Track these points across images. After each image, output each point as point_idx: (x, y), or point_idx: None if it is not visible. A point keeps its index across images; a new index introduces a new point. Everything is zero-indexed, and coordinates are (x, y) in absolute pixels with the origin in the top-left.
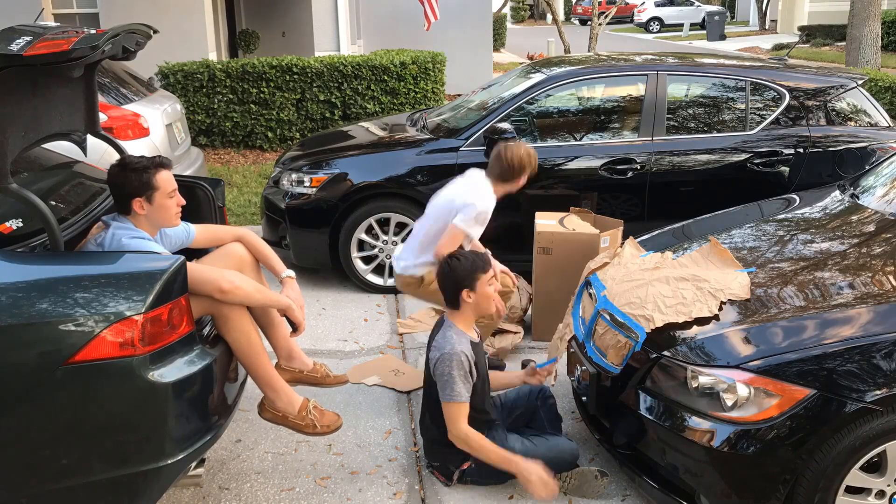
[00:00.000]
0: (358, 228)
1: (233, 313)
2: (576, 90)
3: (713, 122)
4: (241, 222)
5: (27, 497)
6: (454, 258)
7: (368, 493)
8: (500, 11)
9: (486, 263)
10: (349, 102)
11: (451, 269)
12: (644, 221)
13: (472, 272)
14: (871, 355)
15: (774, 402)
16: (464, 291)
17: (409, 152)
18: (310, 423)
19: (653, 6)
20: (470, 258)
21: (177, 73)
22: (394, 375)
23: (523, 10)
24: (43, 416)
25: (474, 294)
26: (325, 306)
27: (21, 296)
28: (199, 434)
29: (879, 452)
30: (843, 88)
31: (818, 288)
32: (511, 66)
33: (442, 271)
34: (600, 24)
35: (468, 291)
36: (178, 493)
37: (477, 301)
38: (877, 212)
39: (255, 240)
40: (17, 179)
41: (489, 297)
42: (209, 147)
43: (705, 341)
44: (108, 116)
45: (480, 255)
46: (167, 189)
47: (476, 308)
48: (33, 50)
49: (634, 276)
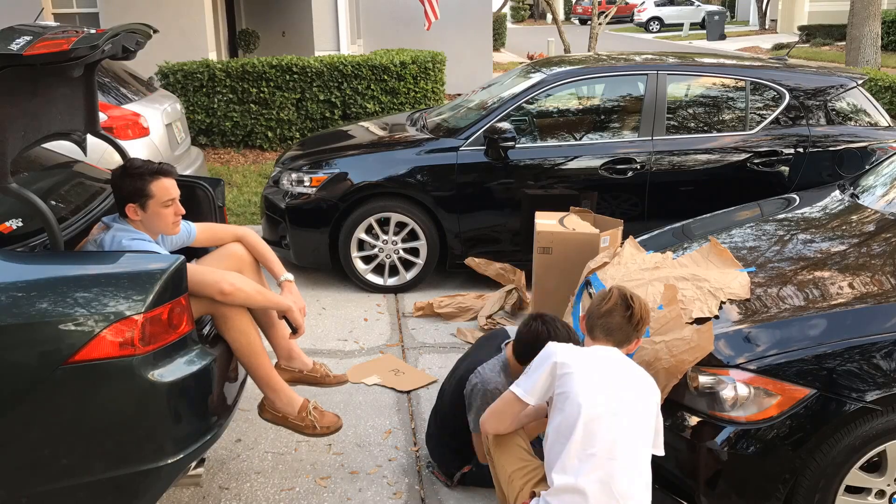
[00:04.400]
0: (358, 228)
1: (232, 313)
2: (576, 90)
3: (713, 121)
4: (241, 222)
5: (27, 497)
6: (549, 324)
7: (368, 492)
8: (500, 11)
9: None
10: (349, 102)
11: (537, 337)
12: (644, 221)
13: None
14: (871, 355)
15: (774, 402)
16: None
17: (408, 152)
18: (310, 424)
19: (653, 6)
20: (562, 335)
21: (177, 72)
22: (394, 375)
23: (523, 10)
24: (43, 416)
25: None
26: (325, 306)
27: (21, 295)
28: (199, 434)
29: (879, 452)
30: (843, 88)
31: (818, 287)
32: (511, 65)
33: (530, 327)
34: (600, 24)
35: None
36: (178, 493)
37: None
38: (877, 212)
39: (255, 240)
40: (17, 179)
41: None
42: (209, 147)
43: None
44: (108, 116)
45: (572, 334)
46: (163, 198)
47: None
48: (33, 49)
49: (634, 275)
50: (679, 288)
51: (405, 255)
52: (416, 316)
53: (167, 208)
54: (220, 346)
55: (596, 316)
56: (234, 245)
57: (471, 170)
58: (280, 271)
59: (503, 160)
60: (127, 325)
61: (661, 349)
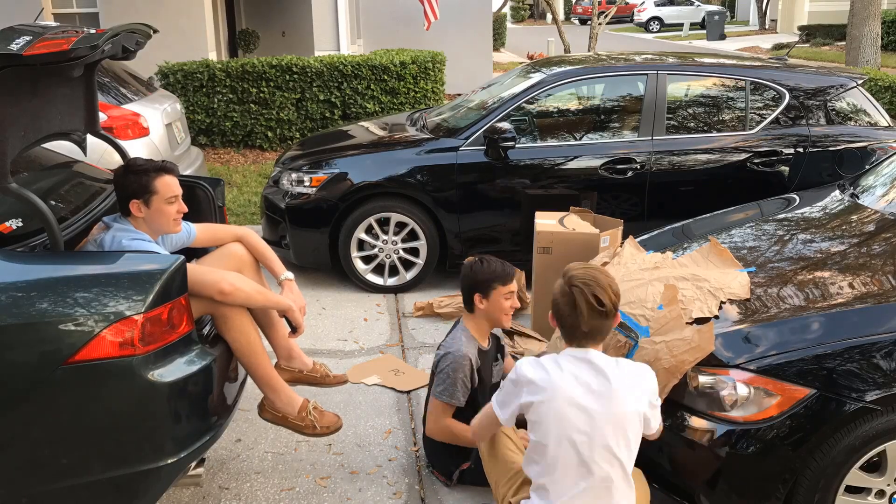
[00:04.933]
0: (358, 228)
1: (232, 313)
2: (576, 90)
3: (713, 121)
4: (241, 222)
5: (27, 497)
6: (480, 261)
7: (368, 492)
8: (500, 11)
9: (507, 276)
10: (349, 102)
11: (472, 271)
12: (644, 221)
13: (490, 280)
14: (871, 355)
15: (774, 402)
16: (476, 295)
17: (408, 152)
18: (309, 424)
19: (653, 6)
20: (493, 265)
21: (176, 72)
22: (394, 375)
23: (523, 10)
24: (43, 416)
25: (486, 301)
26: (325, 306)
27: (21, 295)
28: (199, 434)
29: (879, 452)
30: (843, 88)
31: (818, 287)
32: (511, 65)
33: (463, 270)
34: (600, 24)
35: (480, 297)
36: (178, 493)
37: (488, 309)
38: (877, 212)
39: (255, 240)
40: (17, 179)
41: (502, 309)
42: (209, 147)
43: None
44: (108, 116)
45: (506, 266)
46: (166, 194)
47: (487, 316)
48: (33, 49)
49: (634, 275)
50: (679, 288)
51: (405, 255)
52: (416, 316)
53: (170, 205)
54: (220, 346)
55: (571, 326)
56: (234, 245)
57: (471, 170)
58: (280, 270)
59: (503, 160)
60: (127, 325)
61: (661, 349)
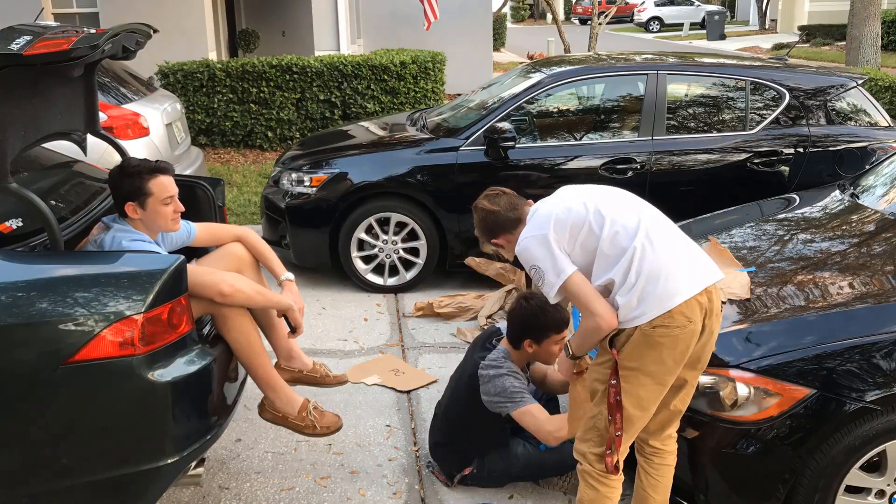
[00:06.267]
0: (358, 228)
1: (232, 313)
2: (576, 90)
3: (713, 121)
4: (241, 222)
5: (27, 497)
6: (539, 308)
7: (368, 492)
8: (500, 11)
9: (563, 325)
10: (349, 102)
11: (527, 315)
12: None
13: (546, 329)
14: (871, 355)
15: (774, 402)
16: (528, 340)
17: (408, 152)
18: (310, 424)
19: (653, 6)
20: (550, 315)
21: (177, 72)
22: (394, 375)
23: (523, 10)
24: (43, 416)
25: (536, 347)
26: (325, 306)
27: (21, 295)
28: (199, 434)
29: (879, 452)
30: (843, 88)
31: (818, 287)
32: (511, 65)
33: (518, 309)
34: (600, 24)
35: (531, 342)
36: (178, 493)
37: (536, 352)
38: (877, 212)
39: (255, 240)
40: (17, 179)
41: (551, 354)
42: (209, 147)
43: None
44: (108, 116)
45: (563, 313)
46: (161, 195)
47: (532, 357)
48: (33, 49)
49: None
50: None
51: (405, 254)
52: (416, 316)
53: (167, 206)
54: (220, 346)
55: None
56: (234, 245)
57: (471, 170)
58: (280, 270)
59: (503, 160)
60: (127, 324)
61: None
